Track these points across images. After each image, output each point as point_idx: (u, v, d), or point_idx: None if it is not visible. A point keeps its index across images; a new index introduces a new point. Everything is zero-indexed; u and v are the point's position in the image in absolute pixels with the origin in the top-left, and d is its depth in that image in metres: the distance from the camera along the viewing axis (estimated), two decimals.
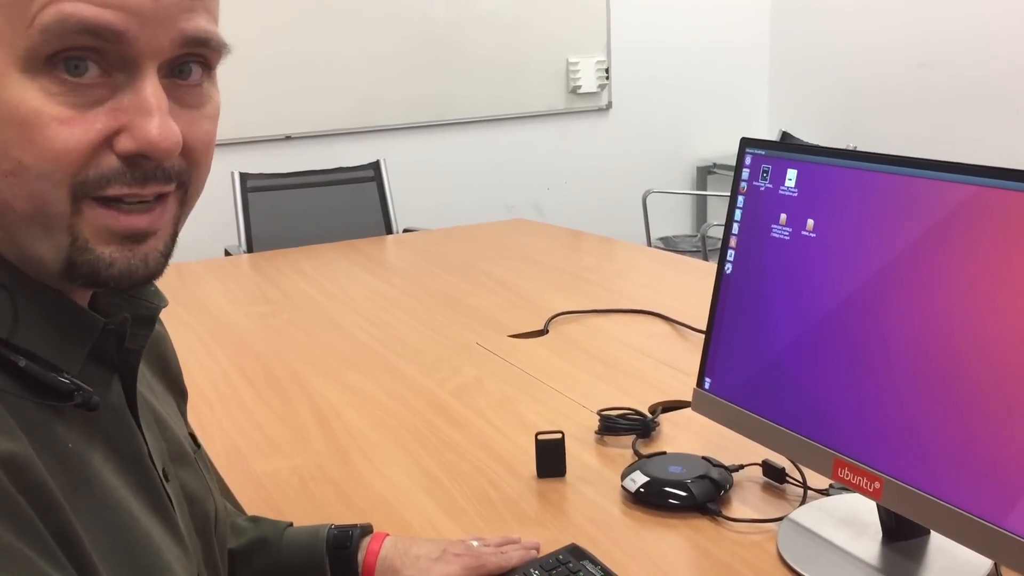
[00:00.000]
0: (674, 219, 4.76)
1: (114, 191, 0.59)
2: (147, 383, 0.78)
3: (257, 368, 1.76)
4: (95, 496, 0.62)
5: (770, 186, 1.13)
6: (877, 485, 0.98)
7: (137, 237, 0.61)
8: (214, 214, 2.77)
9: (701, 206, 4.80)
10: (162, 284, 0.77)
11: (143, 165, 0.59)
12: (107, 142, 0.58)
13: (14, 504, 0.53)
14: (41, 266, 0.60)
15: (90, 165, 0.58)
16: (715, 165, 4.72)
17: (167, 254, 0.64)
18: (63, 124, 0.56)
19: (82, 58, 0.56)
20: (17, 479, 0.54)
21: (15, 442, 0.55)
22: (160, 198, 0.62)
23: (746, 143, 1.17)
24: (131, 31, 0.56)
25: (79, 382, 0.61)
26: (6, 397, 0.58)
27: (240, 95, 3.51)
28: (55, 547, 0.55)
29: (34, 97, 0.55)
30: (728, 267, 1.18)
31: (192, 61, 0.61)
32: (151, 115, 0.58)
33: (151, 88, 0.58)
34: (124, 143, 0.58)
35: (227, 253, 3.04)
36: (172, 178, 0.62)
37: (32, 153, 0.56)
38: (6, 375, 0.58)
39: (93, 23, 0.55)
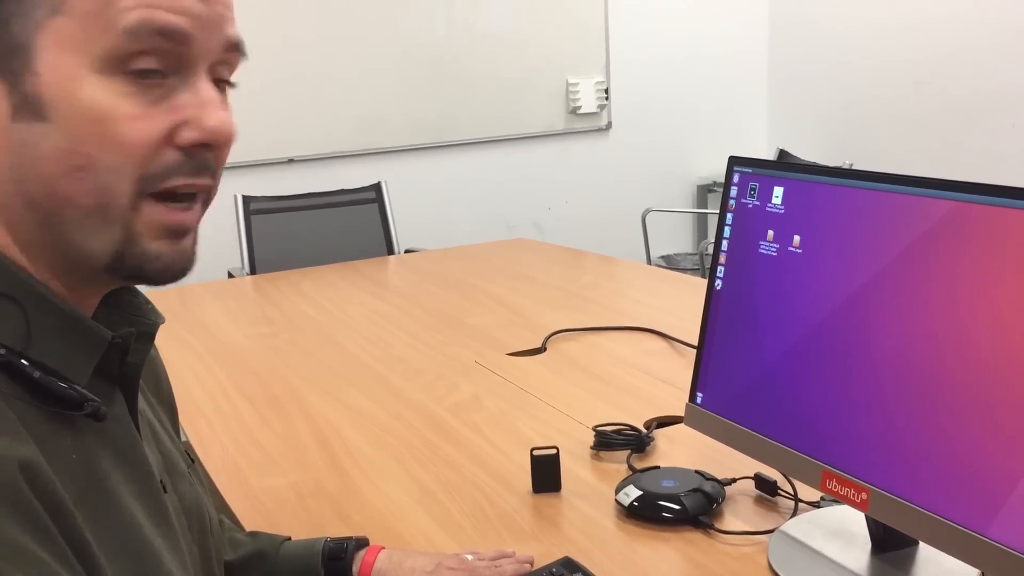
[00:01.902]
0: (675, 237, 4.79)
1: (173, 183, 0.64)
2: (144, 398, 0.80)
3: (257, 387, 1.78)
4: (101, 503, 0.64)
5: (757, 203, 1.15)
6: (864, 496, 0.99)
7: (180, 232, 0.66)
8: (218, 237, 2.80)
9: (702, 224, 4.82)
10: (164, 306, 0.80)
11: (199, 156, 0.65)
12: (169, 137, 0.63)
13: (31, 508, 0.55)
14: (86, 260, 0.64)
15: (155, 159, 0.63)
16: (715, 183, 4.74)
17: (195, 251, 0.69)
18: (134, 120, 0.61)
19: (150, 61, 0.61)
20: (33, 484, 0.56)
21: (29, 449, 0.58)
22: (194, 197, 0.66)
23: (734, 161, 1.19)
24: (194, 34, 0.63)
25: (88, 393, 0.64)
26: (17, 405, 0.60)
27: (243, 119, 3.50)
28: (68, 552, 0.57)
29: (109, 96, 0.60)
30: (718, 283, 1.20)
31: (225, 65, 0.67)
32: (212, 107, 0.64)
33: (206, 85, 0.65)
34: (188, 134, 0.63)
35: (230, 275, 3.06)
36: (214, 172, 0.67)
37: (104, 148, 0.61)
38: (18, 385, 0.61)
39: (168, 27, 0.61)
